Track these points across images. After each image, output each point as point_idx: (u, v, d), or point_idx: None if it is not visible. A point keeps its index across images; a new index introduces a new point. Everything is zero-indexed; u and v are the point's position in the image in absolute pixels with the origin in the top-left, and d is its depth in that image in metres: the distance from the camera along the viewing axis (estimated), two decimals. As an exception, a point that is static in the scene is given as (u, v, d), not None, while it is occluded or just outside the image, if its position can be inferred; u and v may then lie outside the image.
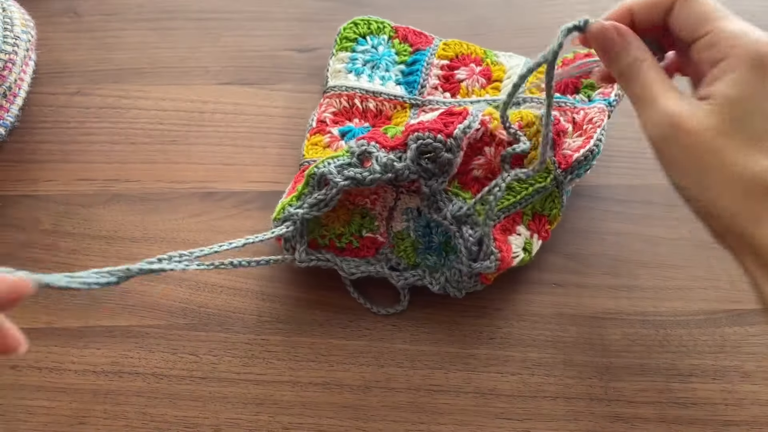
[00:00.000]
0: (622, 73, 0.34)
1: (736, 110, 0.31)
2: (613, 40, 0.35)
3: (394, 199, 0.44)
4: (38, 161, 0.50)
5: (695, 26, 0.33)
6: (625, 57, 0.34)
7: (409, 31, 0.53)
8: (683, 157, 0.32)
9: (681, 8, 0.33)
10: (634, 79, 0.34)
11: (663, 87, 0.33)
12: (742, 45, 0.31)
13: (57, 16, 0.57)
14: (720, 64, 0.32)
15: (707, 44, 0.32)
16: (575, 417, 0.41)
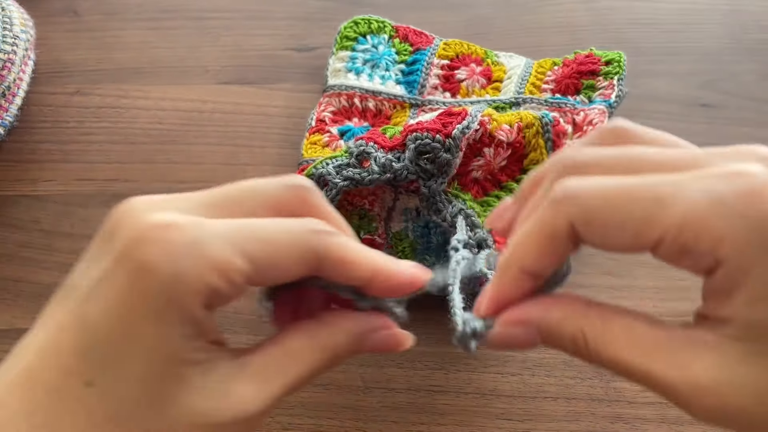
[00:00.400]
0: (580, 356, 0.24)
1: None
2: (520, 341, 0.24)
3: (392, 199, 0.44)
4: (37, 161, 0.50)
5: (633, 237, 0.22)
6: (562, 342, 0.24)
7: (409, 31, 0.53)
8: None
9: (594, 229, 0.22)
10: (601, 360, 0.23)
11: (650, 351, 0.22)
12: (731, 226, 0.20)
13: (56, 16, 0.57)
14: (718, 272, 0.21)
15: (675, 249, 0.21)
16: (576, 417, 0.41)
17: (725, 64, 0.55)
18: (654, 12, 0.58)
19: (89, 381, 0.22)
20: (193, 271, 0.21)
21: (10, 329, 0.44)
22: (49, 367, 0.22)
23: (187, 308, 0.22)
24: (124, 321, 0.22)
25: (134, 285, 0.22)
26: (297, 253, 0.24)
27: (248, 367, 0.24)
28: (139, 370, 0.22)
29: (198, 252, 0.22)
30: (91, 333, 0.22)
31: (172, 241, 0.22)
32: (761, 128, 0.52)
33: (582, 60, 0.48)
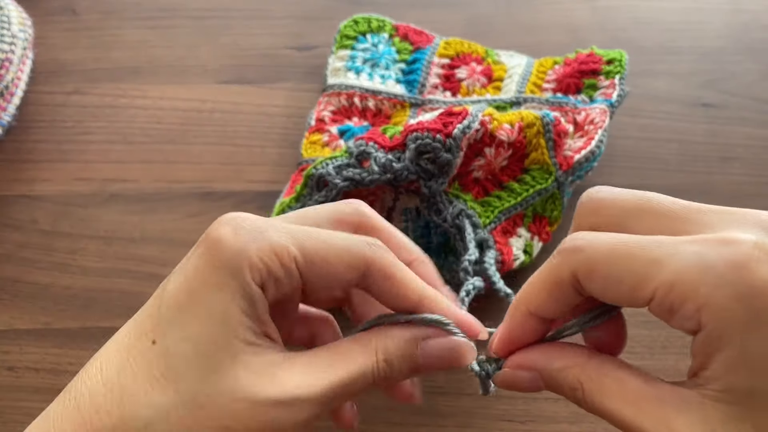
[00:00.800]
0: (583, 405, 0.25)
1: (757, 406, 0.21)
2: (526, 384, 0.26)
3: (392, 199, 0.44)
4: (35, 161, 0.50)
5: (630, 291, 0.23)
6: (562, 390, 0.25)
7: (409, 30, 0.52)
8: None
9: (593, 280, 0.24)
10: (596, 410, 0.24)
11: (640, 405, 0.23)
12: (714, 294, 0.21)
13: (54, 15, 0.57)
14: (699, 334, 0.22)
15: (665, 308, 0.22)
16: (577, 419, 0.40)
17: (726, 64, 0.55)
18: (655, 11, 0.58)
19: (155, 339, 0.25)
20: (253, 249, 0.25)
21: (8, 330, 0.43)
22: (128, 332, 0.26)
23: (246, 281, 0.25)
24: (192, 287, 0.25)
25: (204, 259, 0.25)
26: (348, 256, 0.26)
27: (297, 360, 0.26)
28: (196, 331, 0.24)
29: (260, 235, 0.25)
30: (165, 299, 0.25)
31: (241, 225, 0.26)
32: (761, 128, 0.52)
33: (583, 59, 0.48)
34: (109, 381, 0.24)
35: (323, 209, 0.29)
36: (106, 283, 0.45)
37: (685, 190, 0.49)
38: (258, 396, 0.24)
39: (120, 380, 0.24)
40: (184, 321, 0.25)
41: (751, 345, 0.21)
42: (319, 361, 0.26)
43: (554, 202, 0.44)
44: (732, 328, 0.21)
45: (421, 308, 0.27)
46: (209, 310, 0.25)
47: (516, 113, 0.43)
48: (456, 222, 0.41)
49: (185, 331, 0.25)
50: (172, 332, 0.25)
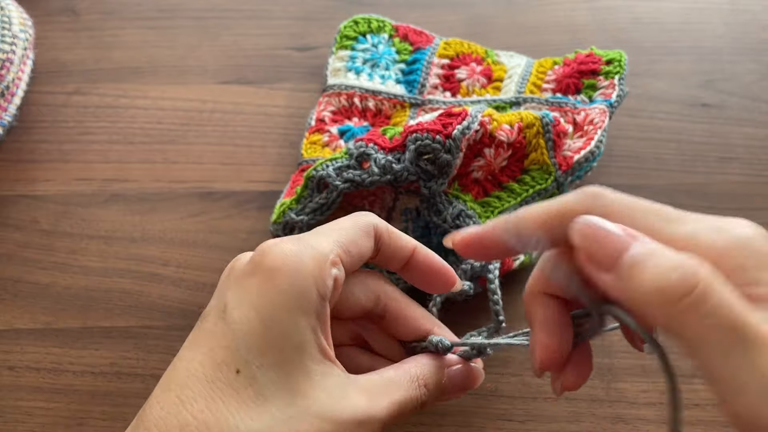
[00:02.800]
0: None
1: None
2: None
3: (392, 199, 0.44)
4: (36, 161, 0.50)
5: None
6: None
7: (409, 30, 0.52)
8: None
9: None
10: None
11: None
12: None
13: (55, 15, 0.57)
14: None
15: None
16: (577, 418, 0.40)
17: (726, 64, 0.55)
18: (655, 11, 0.58)
19: (238, 368, 0.26)
20: (313, 264, 0.27)
21: (9, 329, 0.43)
22: (202, 365, 0.26)
23: (313, 298, 0.26)
24: (262, 315, 0.26)
25: (267, 285, 0.26)
26: (363, 230, 0.30)
27: (358, 382, 0.28)
28: (277, 358, 0.26)
29: (312, 249, 0.27)
30: (237, 330, 0.26)
31: (288, 248, 0.27)
32: (761, 128, 0.52)
33: (583, 59, 0.48)
34: (200, 413, 0.25)
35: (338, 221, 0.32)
36: (107, 283, 0.45)
37: (684, 190, 0.49)
38: (341, 416, 0.26)
39: (212, 411, 0.25)
40: (264, 349, 0.26)
41: None
42: (377, 384, 0.28)
43: (554, 202, 0.44)
44: None
45: (416, 255, 0.31)
46: (285, 335, 0.26)
47: (515, 114, 0.43)
48: (456, 222, 0.41)
49: (267, 358, 0.26)
50: (253, 360, 0.26)
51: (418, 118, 0.47)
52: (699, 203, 0.48)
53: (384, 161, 0.40)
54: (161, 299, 0.45)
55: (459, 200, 0.41)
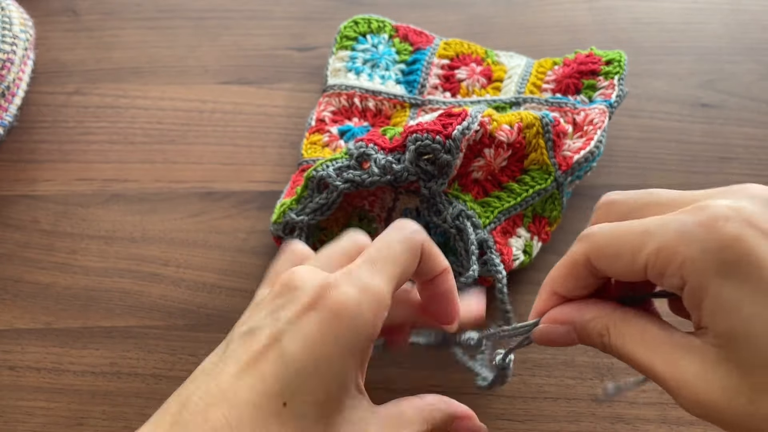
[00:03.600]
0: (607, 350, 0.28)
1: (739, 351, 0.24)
2: (561, 337, 0.30)
3: (392, 199, 0.44)
4: (36, 161, 0.50)
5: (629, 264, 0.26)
6: (591, 337, 0.28)
7: (409, 30, 0.52)
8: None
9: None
10: (619, 353, 0.27)
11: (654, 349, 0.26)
12: (689, 251, 0.24)
13: (55, 15, 0.57)
14: (685, 289, 0.25)
15: (657, 272, 0.25)
16: (576, 418, 0.41)
17: (725, 64, 0.55)
18: (654, 11, 0.58)
19: (285, 401, 0.27)
20: (369, 313, 0.28)
21: (9, 329, 0.43)
22: (252, 389, 0.26)
23: (362, 342, 0.28)
24: (317, 354, 0.27)
25: (328, 328, 0.27)
26: (412, 255, 0.30)
27: (378, 415, 0.29)
28: (321, 395, 0.27)
29: (370, 298, 0.28)
30: (290, 363, 0.27)
31: (351, 294, 0.28)
32: (761, 128, 0.52)
33: (582, 59, 0.48)
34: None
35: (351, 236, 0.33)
36: (107, 283, 0.45)
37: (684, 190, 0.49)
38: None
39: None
40: (311, 386, 0.27)
41: (724, 292, 0.24)
42: (393, 420, 0.30)
43: (554, 202, 0.44)
44: (707, 279, 0.24)
45: (442, 276, 0.32)
46: (333, 376, 0.27)
47: (515, 114, 0.43)
48: (456, 223, 0.41)
49: (314, 396, 0.27)
50: (300, 396, 0.27)
51: (418, 119, 0.47)
52: (699, 203, 0.48)
53: (384, 161, 0.40)
54: (161, 299, 0.45)
55: (459, 200, 0.41)
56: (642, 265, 0.25)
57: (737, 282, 0.23)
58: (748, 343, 0.23)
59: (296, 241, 0.35)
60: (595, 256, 0.27)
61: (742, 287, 0.23)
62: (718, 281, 0.24)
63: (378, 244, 0.30)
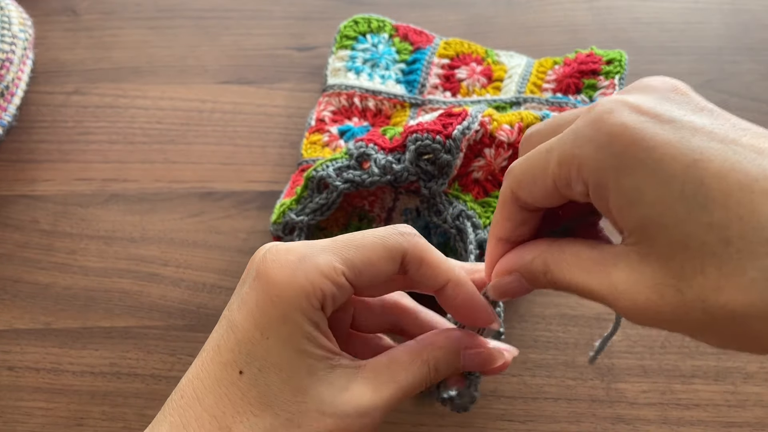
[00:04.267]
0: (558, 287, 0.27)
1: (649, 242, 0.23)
2: (513, 288, 0.29)
3: (392, 199, 0.44)
4: (36, 161, 0.50)
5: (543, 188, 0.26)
6: (537, 277, 0.28)
7: (409, 30, 0.52)
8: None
9: None
10: (559, 284, 0.27)
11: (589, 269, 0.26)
12: (583, 152, 0.24)
13: (55, 15, 0.57)
14: (589, 193, 0.24)
15: (564, 185, 0.25)
16: (577, 419, 0.40)
17: (725, 64, 0.55)
18: (655, 11, 0.58)
19: (241, 369, 0.27)
20: (304, 277, 0.27)
21: (9, 329, 0.43)
22: (213, 362, 0.28)
23: (305, 309, 0.27)
24: (260, 323, 0.27)
25: (264, 295, 0.28)
26: (386, 251, 0.29)
27: (363, 371, 0.29)
28: (276, 360, 0.27)
29: (307, 262, 0.28)
30: (239, 333, 0.28)
31: (287, 259, 0.28)
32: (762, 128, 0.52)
33: (583, 59, 0.48)
34: (211, 408, 0.27)
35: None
36: (107, 283, 0.45)
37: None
38: (342, 410, 0.27)
39: (221, 408, 0.27)
40: (262, 352, 0.27)
41: (624, 184, 0.23)
42: (382, 372, 0.29)
43: (554, 202, 0.44)
44: (605, 176, 0.23)
45: (448, 290, 0.30)
46: (281, 341, 0.27)
47: (516, 114, 0.43)
48: (456, 223, 0.41)
49: (266, 361, 0.27)
50: (254, 363, 0.27)
51: (418, 118, 0.47)
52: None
53: (384, 161, 0.40)
54: (161, 299, 0.44)
55: (459, 200, 0.41)
56: (551, 182, 0.25)
57: (633, 171, 0.23)
58: (659, 230, 0.23)
59: None
60: (516, 187, 0.27)
61: (638, 175, 0.23)
62: (615, 175, 0.23)
63: (357, 233, 0.30)
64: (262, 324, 0.27)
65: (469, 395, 0.33)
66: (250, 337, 0.27)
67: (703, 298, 0.22)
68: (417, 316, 0.33)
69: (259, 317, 0.28)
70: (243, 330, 0.28)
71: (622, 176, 0.23)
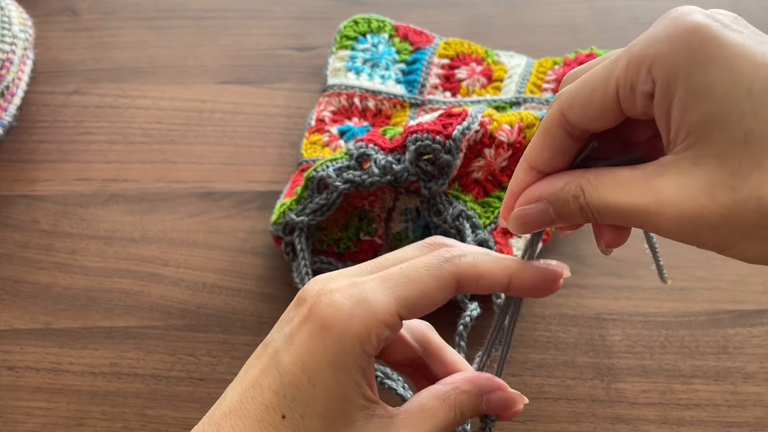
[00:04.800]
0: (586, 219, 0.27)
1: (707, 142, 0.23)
2: (536, 217, 0.28)
3: (392, 199, 0.44)
4: (36, 161, 0.50)
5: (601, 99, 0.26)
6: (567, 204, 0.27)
7: (409, 30, 0.52)
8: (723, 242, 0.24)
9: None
10: (597, 208, 0.26)
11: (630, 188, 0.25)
12: (657, 49, 0.24)
13: (55, 15, 0.57)
14: (656, 92, 0.24)
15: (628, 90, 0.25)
16: (577, 418, 0.40)
17: (726, 64, 0.55)
18: (655, 11, 0.58)
19: (284, 414, 0.27)
20: (360, 326, 0.27)
21: (9, 329, 0.43)
22: (254, 401, 0.28)
23: (358, 356, 0.27)
24: (309, 368, 0.27)
25: (316, 340, 0.27)
26: (440, 283, 0.28)
27: (397, 420, 0.29)
28: (320, 408, 0.27)
29: (364, 309, 0.27)
30: (284, 376, 0.27)
31: (341, 304, 0.27)
32: (762, 128, 0.52)
33: (583, 59, 0.48)
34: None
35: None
36: (107, 283, 0.45)
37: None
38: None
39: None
40: (308, 399, 0.27)
41: (696, 75, 0.23)
42: (414, 419, 0.29)
43: (554, 202, 0.44)
44: (676, 71, 0.23)
45: (514, 285, 0.30)
46: (328, 389, 0.27)
47: (515, 114, 0.43)
48: (456, 223, 0.41)
49: (310, 408, 0.27)
50: (298, 408, 0.27)
51: (418, 119, 0.47)
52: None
53: (384, 162, 0.40)
54: (161, 299, 0.45)
55: (459, 201, 0.41)
56: (613, 91, 0.25)
57: (706, 66, 0.23)
58: (723, 125, 0.23)
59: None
60: (568, 106, 0.26)
61: (711, 70, 0.23)
62: (687, 70, 0.23)
63: (404, 263, 0.29)
64: (311, 370, 0.27)
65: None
66: (297, 382, 0.27)
67: (758, 194, 0.22)
68: (443, 354, 0.33)
69: (309, 362, 0.27)
70: (290, 374, 0.27)
71: (695, 70, 0.23)
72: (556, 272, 0.30)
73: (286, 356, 0.28)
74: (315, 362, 0.27)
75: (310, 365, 0.27)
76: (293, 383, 0.27)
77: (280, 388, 0.27)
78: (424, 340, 0.33)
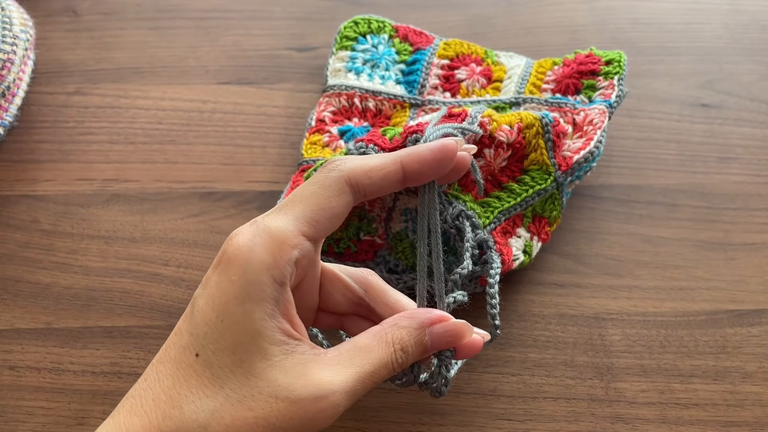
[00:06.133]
0: None
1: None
2: None
3: (392, 199, 0.44)
4: (37, 161, 0.50)
5: None
6: None
7: (409, 31, 0.53)
8: None
9: None
10: None
11: None
12: None
13: (56, 16, 0.57)
14: None
15: None
16: (576, 418, 0.41)
17: (725, 65, 0.55)
18: (655, 11, 0.58)
19: (197, 352, 0.28)
20: (261, 252, 0.27)
21: (10, 329, 0.44)
22: (174, 345, 0.29)
23: (265, 286, 0.27)
24: (217, 304, 0.28)
25: (224, 277, 0.28)
26: (330, 191, 0.29)
27: (324, 356, 0.29)
28: (230, 343, 0.28)
29: (265, 238, 0.28)
30: (197, 318, 0.28)
31: (243, 239, 0.28)
32: (760, 128, 0.52)
33: (582, 60, 0.48)
34: (168, 389, 0.28)
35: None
36: (108, 283, 0.45)
37: (683, 190, 0.49)
38: (296, 395, 0.27)
39: (176, 388, 0.28)
40: (218, 335, 0.28)
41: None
42: (344, 357, 0.29)
43: (553, 202, 0.44)
44: None
45: (409, 170, 0.31)
46: (236, 323, 0.28)
47: (515, 114, 0.43)
48: (456, 223, 0.41)
49: (221, 344, 0.28)
50: (209, 345, 0.28)
51: (418, 119, 0.47)
52: (698, 203, 0.48)
53: (384, 161, 0.40)
54: (162, 299, 0.45)
55: (459, 200, 0.42)
56: None
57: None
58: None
59: None
60: None
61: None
62: None
63: (295, 190, 0.30)
64: (219, 306, 0.28)
65: (441, 377, 0.32)
66: (207, 320, 0.28)
67: None
68: (385, 294, 0.33)
69: (217, 299, 0.28)
70: (202, 313, 0.28)
71: None
72: (448, 144, 0.32)
73: (200, 300, 0.29)
74: (222, 298, 0.28)
75: (219, 301, 0.28)
76: (204, 321, 0.28)
77: (194, 328, 0.28)
78: (365, 282, 0.33)
